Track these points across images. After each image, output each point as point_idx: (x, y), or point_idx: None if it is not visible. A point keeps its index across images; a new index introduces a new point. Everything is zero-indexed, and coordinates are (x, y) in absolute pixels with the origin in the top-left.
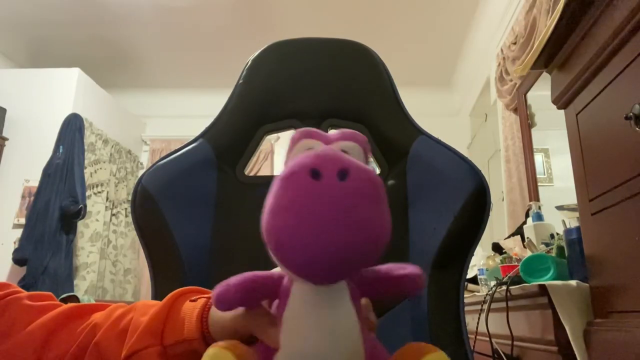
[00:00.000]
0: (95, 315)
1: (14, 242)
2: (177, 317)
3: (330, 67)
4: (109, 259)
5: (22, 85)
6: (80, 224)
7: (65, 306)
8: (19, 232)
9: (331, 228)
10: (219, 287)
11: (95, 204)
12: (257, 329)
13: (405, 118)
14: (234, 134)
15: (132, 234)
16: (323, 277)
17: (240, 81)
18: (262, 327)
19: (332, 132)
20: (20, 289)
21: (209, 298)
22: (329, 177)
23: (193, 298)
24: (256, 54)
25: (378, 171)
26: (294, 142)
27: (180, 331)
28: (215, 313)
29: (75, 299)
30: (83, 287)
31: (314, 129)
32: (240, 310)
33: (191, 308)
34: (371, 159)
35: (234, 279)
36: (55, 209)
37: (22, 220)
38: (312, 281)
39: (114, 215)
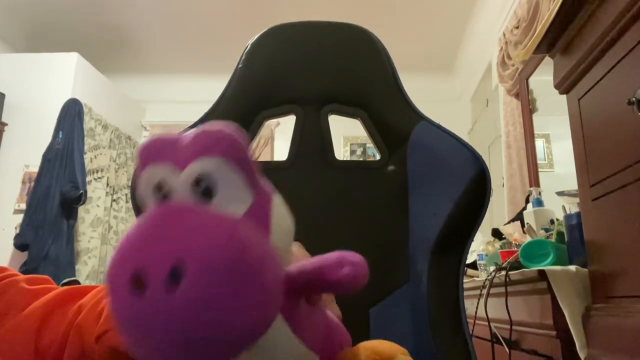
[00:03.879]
0: (85, 297)
1: (15, 228)
2: None
3: (331, 51)
4: (110, 244)
5: (20, 70)
6: (81, 210)
7: (59, 289)
8: (19, 218)
9: (170, 351)
10: None
11: (95, 190)
12: None
13: (406, 103)
14: (234, 119)
15: (133, 220)
16: None
17: (240, 65)
18: None
19: (188, 137)
20: (17, 273)
21: None
22: (155, 286)
23: None
24: (256, 37)
25: (379, 156)
26: (141, 166)
27: None
28: None
29: (76, 283)
30: (85, 272)
31: (163, 139)
32: None
33: None
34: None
35: None
36: (55, 194)
37: (23, 206)
38: None
39: (114, 200)
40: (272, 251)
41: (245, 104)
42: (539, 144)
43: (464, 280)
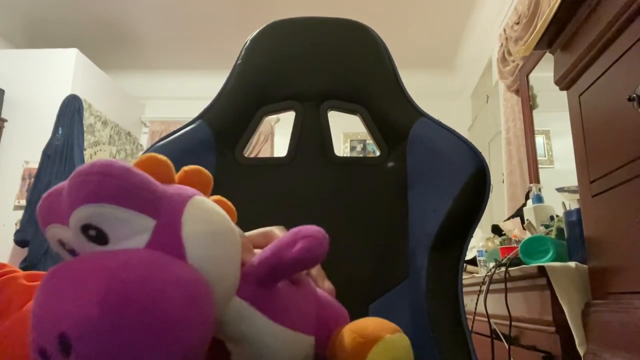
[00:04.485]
0: None
1: (15, 224)
2: None
3: (330, 47)
4: None
5: (20, 66)
6: None
7: None
8: (20, 214)
9: None
10: None
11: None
12: None
13: (405, 100)
14: (233, 115)
15: None
16: None
17: (239, 61)
18: None
19: (65, 187)
20: (16, 269)
21: None
22: (54, 358)
23: None
24: (255, 33)
25: (378, 153)
26: (42, 228)
27: None
28: None
29: None
30: None
31: (51, 196)
32: None
33: None
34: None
35: None
36: None
37: (23, 202)
38: None
39: None
40: (180, 274)
41: (244, 100)
42: (539, 140)
43: (464, 277)
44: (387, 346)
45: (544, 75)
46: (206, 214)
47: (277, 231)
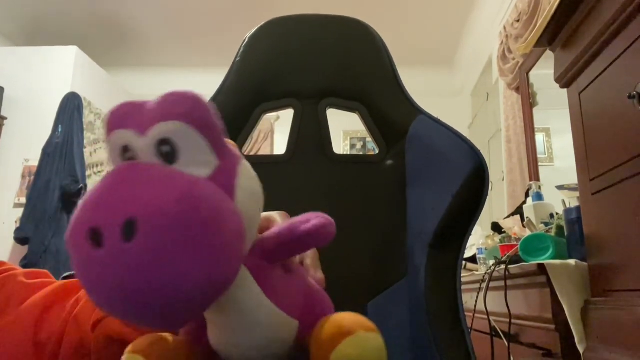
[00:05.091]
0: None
1: (15, 222)
2: None
3: (329, 45)
4: None
5: (19, 64)
6: None
7: (57, 283)
8: (19, 212)
9: (131, 299)
10: None
11: (95, 184)
12: None
13: (404, 97)
14: (231, 113)
15: None
16: (157, 327)
17: (237, 59)
18: None
19: (153, 101)
20: (16, 267)
21: None
22: (110, 240)
23: None
24: (253, 31)
25: (377, 150)
26: (108, 132)
27: None
28: None
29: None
30: None
31: (130, 104)
32: None
33: None
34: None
35: None
36: (55, 188)
37: (23, 200)
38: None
39: None
40: (234, 210)
41: (242, 98)
42: (539, 138)
43: (464, 274)
44: (359, 342)
45: (544, 72)
46: (253, 175)
47: (277, 216)
